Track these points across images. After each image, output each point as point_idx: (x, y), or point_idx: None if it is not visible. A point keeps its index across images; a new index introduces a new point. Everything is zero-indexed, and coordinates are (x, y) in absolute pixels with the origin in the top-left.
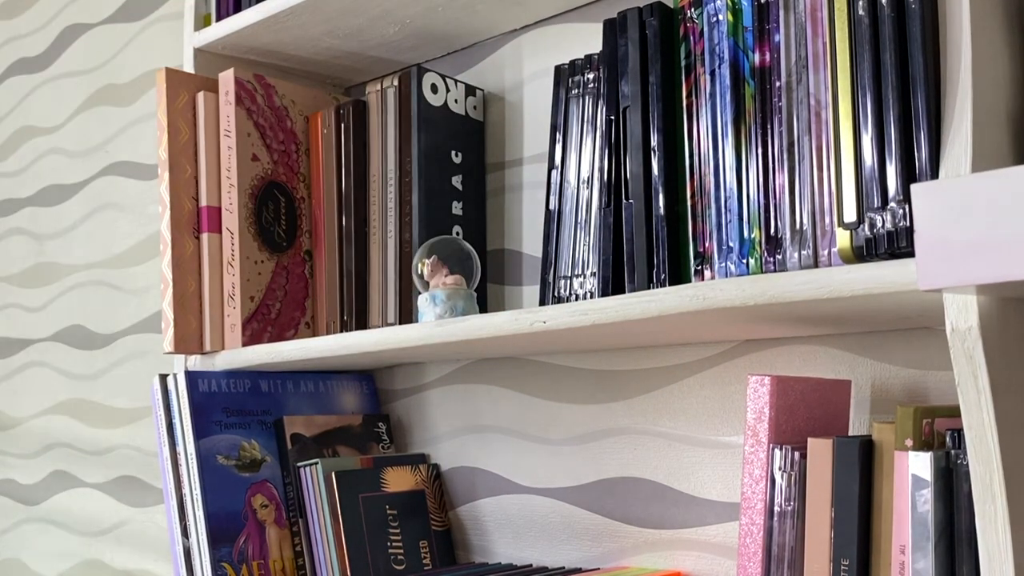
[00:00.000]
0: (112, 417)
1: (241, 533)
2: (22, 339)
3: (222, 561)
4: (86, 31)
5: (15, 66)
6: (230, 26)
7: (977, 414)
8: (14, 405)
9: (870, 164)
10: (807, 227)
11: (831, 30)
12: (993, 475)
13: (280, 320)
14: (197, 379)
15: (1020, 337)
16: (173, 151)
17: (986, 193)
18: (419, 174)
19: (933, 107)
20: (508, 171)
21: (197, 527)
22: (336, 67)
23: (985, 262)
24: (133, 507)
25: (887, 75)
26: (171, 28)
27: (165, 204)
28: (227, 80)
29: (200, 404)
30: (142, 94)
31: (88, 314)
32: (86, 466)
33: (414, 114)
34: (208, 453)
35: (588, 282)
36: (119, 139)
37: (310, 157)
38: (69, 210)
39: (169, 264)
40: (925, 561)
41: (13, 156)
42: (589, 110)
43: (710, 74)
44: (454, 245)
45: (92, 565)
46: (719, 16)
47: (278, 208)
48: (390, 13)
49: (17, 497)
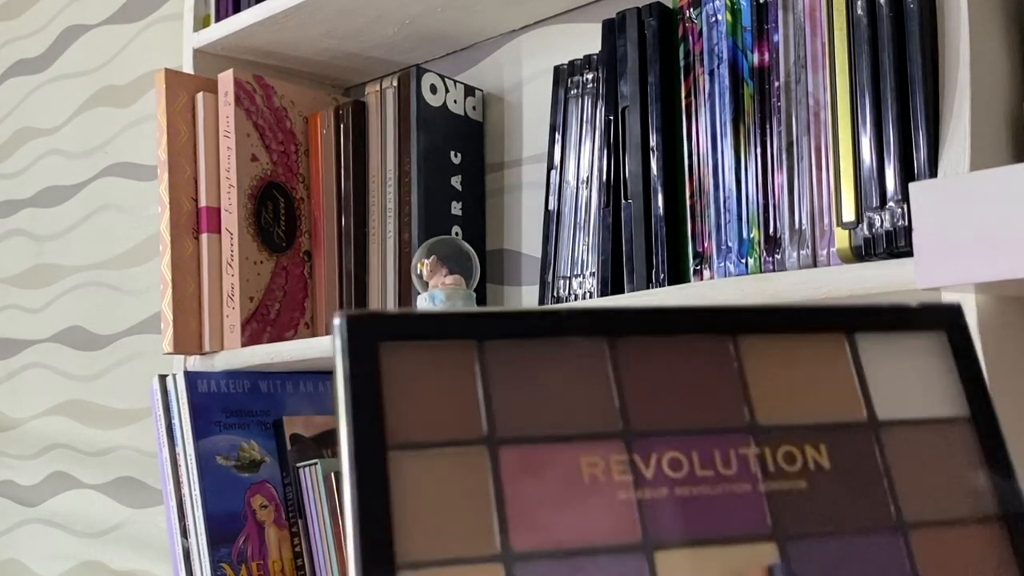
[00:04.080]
0: (111, 418)
1: (240, 534)
2: (22, 340)
3: (221, 562)
4: (85, 32)
5: (15, 67)
6: (229, 27)
7: None
8: (14, 406)
9: (869, 164)
10: (806, 227)
11: (830, 30)
12: None
13: (279, 320)
14: (196, 380)
15: (1019, 336)
16: (172, 152)
17: (985, 192)
18: (418, 174)
19: (931, 106)
20: (507, 171)
21: (196, 528)
22: (335, 68)
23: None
24: (132, 508)
25: (885, 75)
26: (170, 29)
27: (164, 205)
28: (226, 81)
29: (199, 405)
30: (141, 95)
31: (88, 315)
32: (85, 467)
33: (413, 115)
34: (207, 454)
35: (587, 282)
36: (118, 140)
37: (309, 158)
38: (69, 211)
39: (168, 265)
40: None
41: (12, 157)
42: (588, 110)
43: (709, 74)
44: (453, 245)
45: (91, 566)
46: (718, 16)
47: (277, 209)
48: (389, 14)
49: (16, 498)
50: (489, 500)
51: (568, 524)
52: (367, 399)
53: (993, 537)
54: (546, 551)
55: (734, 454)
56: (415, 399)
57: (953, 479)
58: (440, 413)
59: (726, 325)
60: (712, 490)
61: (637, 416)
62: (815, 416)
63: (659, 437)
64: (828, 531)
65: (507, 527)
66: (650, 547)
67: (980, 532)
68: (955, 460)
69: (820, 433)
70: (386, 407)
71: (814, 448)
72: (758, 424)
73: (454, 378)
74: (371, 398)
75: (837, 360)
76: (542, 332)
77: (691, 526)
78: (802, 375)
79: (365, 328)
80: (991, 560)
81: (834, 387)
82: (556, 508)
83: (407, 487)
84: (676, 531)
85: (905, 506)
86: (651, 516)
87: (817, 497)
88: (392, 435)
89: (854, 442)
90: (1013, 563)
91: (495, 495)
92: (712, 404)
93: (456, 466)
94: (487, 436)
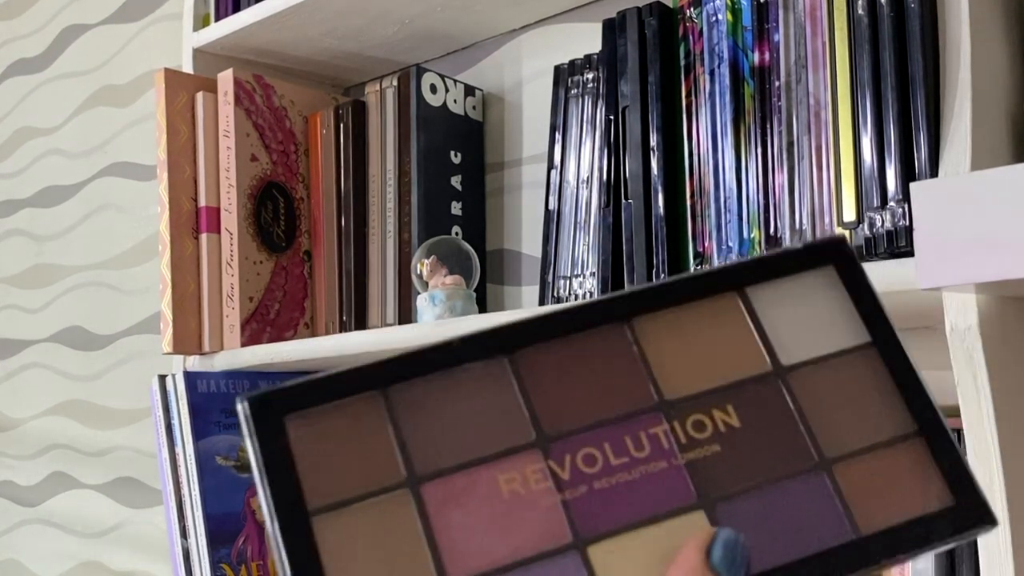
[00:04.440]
0: (111, 418)
1: (240, 534)
2: (21, 340)
3: (221, 562)
4: (85, 32)
5: (14, 67)
6: (229, 26)
7: (976, 414)
8: (13, 406)
9: (869, 163)
10: (806, 227)
11: (830, 30)
12: (993, 475)
13: (279, 320)
14: (196, 380)
15: (1020, 336)
16: (172, 151)
17: (985, 192)
18: (418, 174)
19: (932, 106)
20: (507, 171)
21: (196, 528)
22: (335, 67)
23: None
24: (132, 508)
25: (886, 74)
26: (170, 28)
27: (164, 205)
28: (226, 80)
29: (199, 405)
30: (141, 95)
31: (87, 315)
32: (85, 467)
33: (413, 114)
34: (207, 454)
35: (587, 282)
36: (118, 140)
37: (309, 157)
38: (68, 211)
39: (168, 265)
40: (925, 562)
41: (12, 157)
42: (588, 110)
43: (709, 74)
44: (453, 245)
45: (91, 566)
46: (718, 16)
47: (277, 208)
48: (389, 13)
49: (16, 498)
50: (420, 539)
51: (499, 543)
52: (282, 474)
53: (915, 453)
54: (483, 573)
55: (644, 436)
56: (330, 461)
57: (866, 406)
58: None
59: (618, 312)
60: (631, 475)
61: (548, 422)
62: (721, 378)
63: (572, 437)
64: (751, 486)
65: (441, 561)
66: (582, 544)
67: (901, 452)
68: (865, 387)
69: (727, 394)
70: (301, 476)
71: (721, 411)
72: (666, 400)
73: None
74: (285, 472)
75: (733, 319)
76: (441, 365)
77: (617, 514)
78: (702, 342)
79: (267, 407)
80: (917, 475)
81: (735, 346)
82: (485, 531)
83: (337, 546)
84: (604, 523)
85: (824, 443)
86: (577, 515)
87: (734, 457)
88: (313, 501)
89: (762, 394)
90: (937, 474)
91: (424, 533)
92: (619, 392)
93: (382, 514)
94: (407, 478)
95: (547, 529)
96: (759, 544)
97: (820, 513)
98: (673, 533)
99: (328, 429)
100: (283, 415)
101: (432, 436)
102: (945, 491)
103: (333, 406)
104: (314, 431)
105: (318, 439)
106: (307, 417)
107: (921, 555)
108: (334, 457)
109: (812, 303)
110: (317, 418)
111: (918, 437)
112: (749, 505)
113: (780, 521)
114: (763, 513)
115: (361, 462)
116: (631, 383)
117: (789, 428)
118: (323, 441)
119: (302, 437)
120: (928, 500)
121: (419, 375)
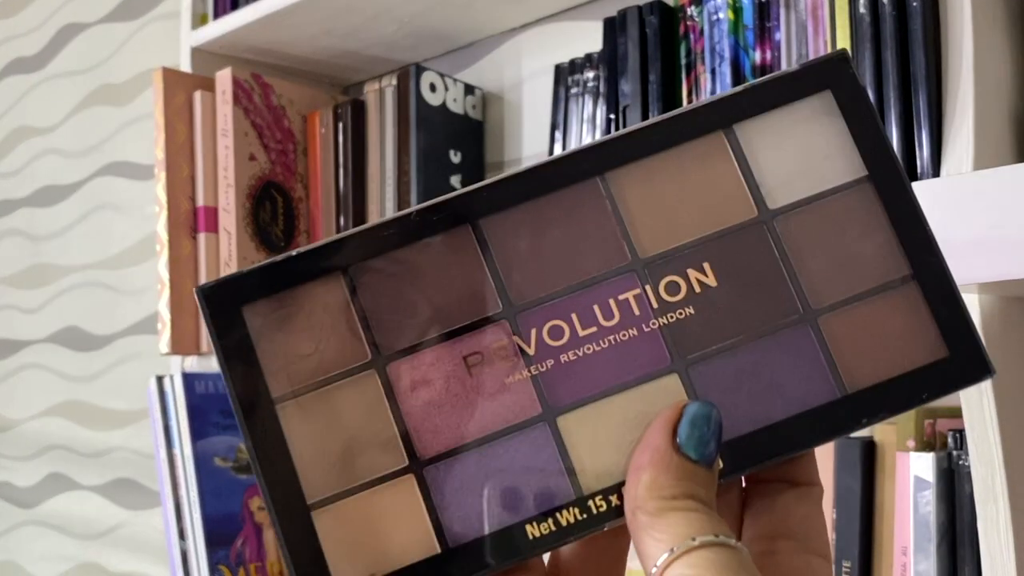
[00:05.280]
0: (109, 419)
1: (238, 535)
2: (18, 341)
3: (219, 564)
4: (82, 30)
5: (11, 66)
6: (227, 25)
7: (979, 414)
8: (10, 407)
9: None
10: None
11: (832, 28)
12: (995, 476)
13: None
14: (194, 380)
15: (1022, 336)
16: (170, 151)
17: (988, 191)
18: (417, 173)
19: (934, 106)
20: (507, 171)
21: (194, 529)
22: (334, 66)
23: (987, 260)
24: (130, 510)
25: (888, 74)
26: (168, 27)
27: (162, 204)
28: (224, 79)
29: (197, 406)
30: (139, 94)
31: (84, 315)
32: (82, 468)
33: (412, 113)
34: (205, 455)
35: None
36: (116, 139)
37: (308, 157)
38: (65, 211)
39: (166, 265)
40: (927, 562)
41: (9, 156)
42: (589, 109)
43: (711, 72)
44: None
45: (89, 568)
46: (719, 14)
47: (275, 208)
48: (388, 12)
49: (13, 500)
50: (388, 419)
51: (468, 420)
52: (244, 365)
53: (907, 300)
54: (452, 450)
55: (614, 302)
56: (293, 347)
57: (858, 251)
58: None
59: (590, 167)
60: (600, 345)
61: (516, 292)
62: (701, 230)
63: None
64: (729, 346)
65: (410, 440)
66: (551, 416)
67: (893, 298)
68: (859, 227)
69: (705, 250)
70: (264, 366)
71: (697, 270)
72: (640, 259)
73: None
74: (248, 362)
75: (718, 162)
76: (402, 241)
77: (588, 385)
78: (683, 191)
79: (223, 297)
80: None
81: (719, 193)
82: (453, 409)
83: (303, 433)
84: (574, 394)
85: (809, 294)
86: (546, 388)
87: (710, 317)
88: (277, 390)
89: (744, 246)
90: (931, 322)
91: (392, 413)
92: (591, 254)
93: (348, 397)
94: (372, 359)
95: (515, 404)
96: (737, 407)
97: (804, 371)
98: (646, 398)
99: (289, 315)
100: (241, 304)
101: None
102: (939, 341)
103: (293, 291)
104: (275, 318)
105: (279, 326)
106: (266, 305)
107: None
108: (297, 342)
109: (805, 136)
110: (277, 304)
111: (912, 282)
112: (726, 366)
113: (760, 382)
114: (741, 374)
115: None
116: (603, 243)
117: (772, 280)
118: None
119: (262, 325)
120: (920, 352)
121: (380, 253)
